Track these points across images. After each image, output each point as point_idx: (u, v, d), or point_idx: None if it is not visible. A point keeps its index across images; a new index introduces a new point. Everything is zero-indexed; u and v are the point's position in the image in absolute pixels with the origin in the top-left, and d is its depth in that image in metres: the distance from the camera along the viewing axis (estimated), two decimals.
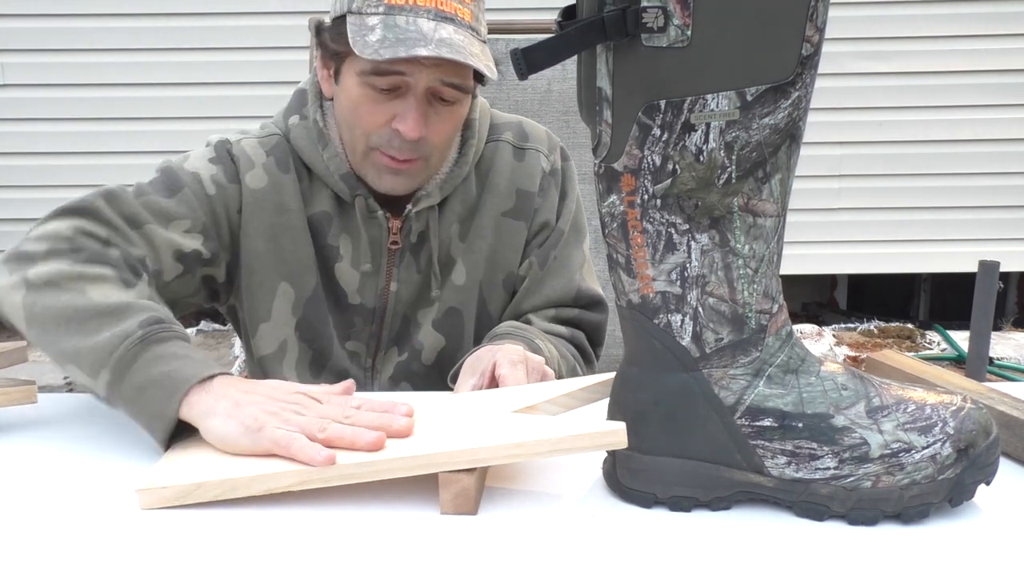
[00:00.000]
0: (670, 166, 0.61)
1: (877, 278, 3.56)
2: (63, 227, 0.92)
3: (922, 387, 0.68)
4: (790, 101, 0.60)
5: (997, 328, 3.29)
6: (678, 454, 0.66)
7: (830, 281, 3.75)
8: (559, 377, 1.03)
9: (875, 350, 3.09)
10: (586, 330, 1.19)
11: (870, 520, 0.64)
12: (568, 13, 0.62)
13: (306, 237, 1.09)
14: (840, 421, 0.64)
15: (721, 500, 0.67)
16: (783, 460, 0.64)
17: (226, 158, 1.08)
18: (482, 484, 0.70)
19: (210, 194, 1.05)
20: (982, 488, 0.66)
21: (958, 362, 3.02)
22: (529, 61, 0.59)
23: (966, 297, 2.34)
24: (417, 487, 0.69)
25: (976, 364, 2.17)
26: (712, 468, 0.66)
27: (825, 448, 0.64)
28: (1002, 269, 2.25)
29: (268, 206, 1.08)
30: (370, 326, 1.13)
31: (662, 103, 0.59)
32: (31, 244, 0.90)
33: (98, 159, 3.25)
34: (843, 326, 3.51)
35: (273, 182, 1.08)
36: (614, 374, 0.71)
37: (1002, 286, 2.93)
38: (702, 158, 0.60)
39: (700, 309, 0.64)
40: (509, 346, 0.96)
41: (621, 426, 0.65)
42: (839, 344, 3.26)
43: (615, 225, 0.64)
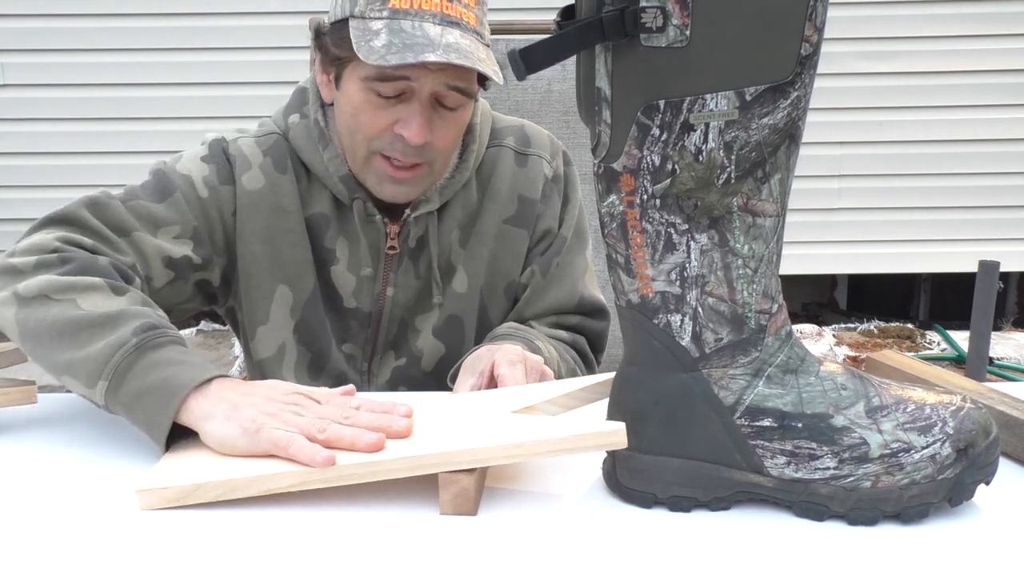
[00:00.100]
0: (669, 166, 0.61)
1: (877, 278, 3.55)
2: (48, 238, 0.91)
3: (922, 387, 0.68)
4: (789, 101, 0.60)
5: (997, 328, 3.29)
6: (678, 454, 0.66)
7: (830, 281, 3.75)
8: (558, 378, 1.02)
9: (875, 350, 3.09)
10: (587, 337, 1.18)
11: (870, 520, 0.64)
12: (567, 13, 0.62)
13: (304, 239, 1.07)
14: (840, 421, 0.64)
15: (721, 500, 0.67)
16: (783, 460, 0.64)
17: (221, 157, 1.06)
18: (482, 484, 0.70)
19: (202, 197, 1.04)
20: (982, 488, 0.66)
21: (958, 362, 3.02)
22: (528, 61, 0.59)
23: (966, 297, 2.34)
24: (417, 487, 0.69)
25: (976, 364, 2.17)
26: (712, 468, 0.66)
27: (825, 448, 0.64)
28: (1002, 269, 2.25)
29: (265, 208, 1.06)
30: (366, 330, 1.12)
31: (661, 103, 0.59)
32: (19, 257, 0.89)
33: (98, 159, 3.24)
34: (843, 326, 3.51)
35: (270, 183, 1.06)
36: (614, 374, 0.71)
37: (1002, 286, 2.93)
38: (701, 158, 0.60)
39: (700, 309, 0.64)
40: (508, 346, 0.96)
41: (621, 426, 0.65)
42: (839, 344, 3.25)
43: (614, 225, 0.64)
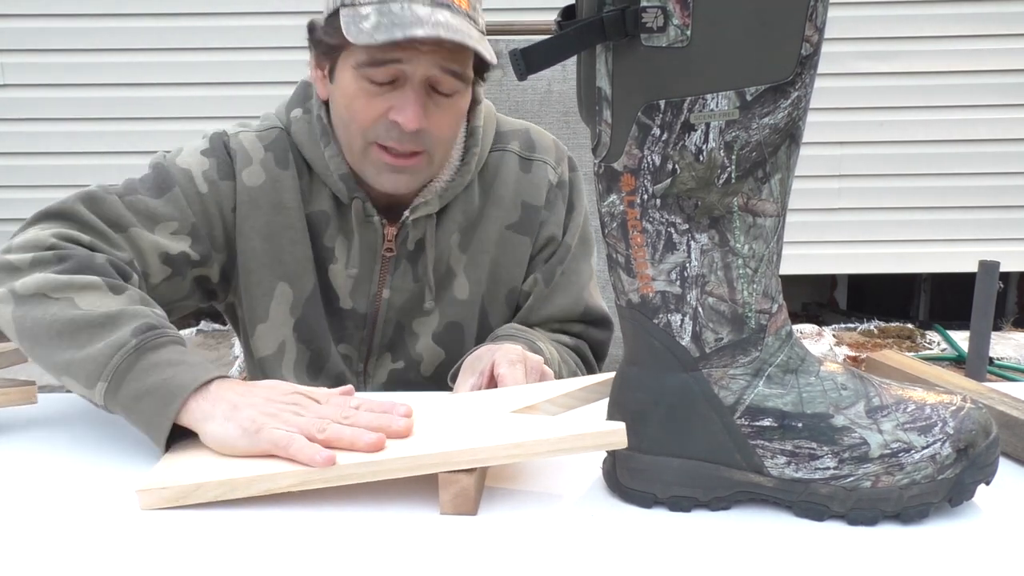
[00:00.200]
0: (670, 166, 0.61)
1: (877, 278, 3.56)
2: (45, 234, 0.90)
3: (922, 387, 0.68)
4: (790, 101, 0.60)
5: (997, 328, 3.29)
6: (678, 454, 0.66)
7: (830, 281, 3.75)
8: (558, 379, 1.02)
9: (875, 350, 3.09)
10: (590, 344, 1.18)
11: (870, 520, 0.64)
12: (567, 13, 0.62)
13: (304, 236, 1.06)
14: (840, 421, 0.64)
15: (721, 500, 0.67)
16: (783, 460, 0.64)
17: (221, 151, 1.06)
18: (482, 484, 0.70)
19: (202, 192, 1.03)
20: (982, 488, 0.66)
21: (958, 362, 3.02)
22: (528, 61, 0.59)
23: (966, 297, 2.34)
24: (417, 487, 0.69)
25: (976, 364, 2.17)
26: (712, 468, 0.66)
27: (825, 448, 0.64)
28: (1002, 269, 2.24)
29: (265, 204, 1.05)
30: (361, 331, 1.11)
31: (662, 103, 0.59)
32: (14, 254, 0.88)
33: (98, 159, 3.24)
34: (843, 326, 3.51)
35: (271, 179, 1.05)
36: (614, 374, 0.71)
37: (1002, 286, 2.93)
38: (702, 158, 0.60)
39: (700, 309, 0.64)
40: (508, 345, 0.96)
41: (621, 426, 0.65)
42: (839, 344, 3.25)
43: (615, 225, 0.64)
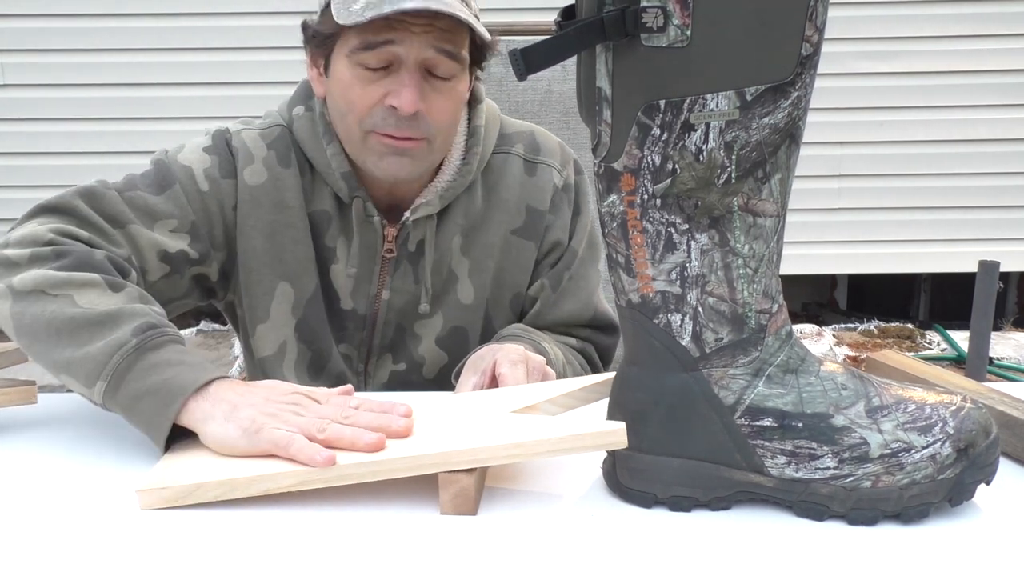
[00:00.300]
0: (670, 166, 0.61)
1: (877, 278, 3.56)
2: (42, 230, 0.89)
3: (922, 387, 0.68)
4: (790, 101, 0.60)
5: (997, 328, 3.29)
6: (678, 454, 0.66)
7: (830, 281, 3.75)
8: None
9: (875, 350, 3.09)
10: (596, 349, 1.17)
11: (870, 520, 0.64)
12: (567, 13, 0.62)
13: (306, 235, 1.06)
14: (840, 421, 0.64)
15: (721, 500, 0.67)
16: (783, 460, 0.64)
17: (223, 149, 1.05)
18: (482, 484, 0.70)
19: (203, 190, 1.02)
20: (982, 488, 0.66)
21: (958, 362, 3.02)
22: (528, 61, 0.59)
23: (966, 297, 2.34)
24: (417, 487, 0.69)
25: (976, 364, 2.17)
26: (712, 468, 0.66)
27: (825, 448, 0.64)
28: (1002, 269, 2.25)
29: (266, 203, 1.04)
30: (361, 332, 1.11)
31: (662, 103, 0.59)
32: (12, 249, 0.87)
33: (98, 159, 3.24)
34: (843, 326, 3.51)
35: (272, 177, 1.05)
36: (614, 374, 0.71)
37: (1002, 286, 2.93)
38: (702, 158, 0.60)
39: (700, 309, 0.64)
40: (510, 345, 0.96)
41: (621, 426, 0.65)
42: (839, 344, 3.25)
43: (615, 225, 0.64)
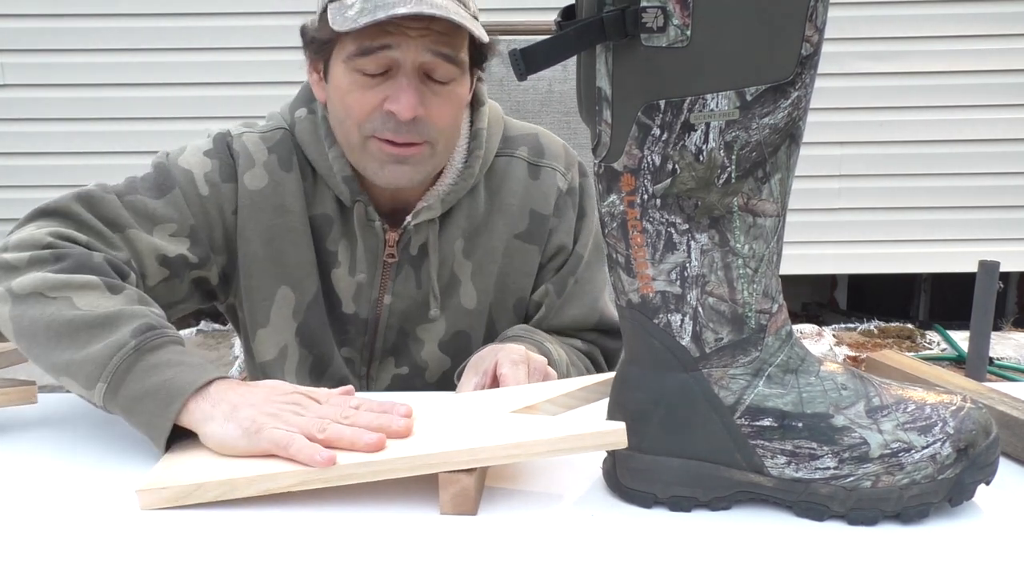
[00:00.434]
0: (670, 166, 0.61)
1: (877, 278, 3.55)
2: (41, 233, 0.89)
3: (922, 387, 0.68)
4: (790, 101, 0.60)
5: (997, 328, 3.29)
6: (678, 454, 0.66)
7: (830, 281, 3.75)
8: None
9: (875, 350, 3.09)
10: (602, 351, 1.17)
11: (870, 520, 0.64)
12: (567, 13, 0.62)
13: (307, 239, 1.05)
14: (840, 421, 0.64)
15: (721, 500, 0.67)
16: (783, 460, 0.64)
17: (224, 152, 1.05)
18: (482, 484, 0.70)
19: (203, 194, 1.02)
20: (982, 488, 0.66)
21: (958, 362, 3.02)
22: (528, 61, 0.59)
23: (966, 297, 2.34)
24: (417, 487, 0.69)
25: (976, 364, 2.17)
26: (712, 468, 0.66)
27: (825, 448, 0.64)
28: (1002, 269, 2.24)
29: (267, 207, 1.04)
30: (363, 336, 1.11)
31: (661, 103, 0.59)
32: (11, 252, 0.87)
33: (98, 159, 3.24)
34: (843, 326, 3.51)
35: (273, 181, 1.04)
36: (614, 374, 0.71)
37: (1002, 286, 2.93)
38: (702, 158, 0.60)
39: (700, 309, 0.64)
40: (511, 346, 0.96)
41: (621, 426, 0.65)
42: (839, 344, 3.25)
43: (615, 225, 0.64)
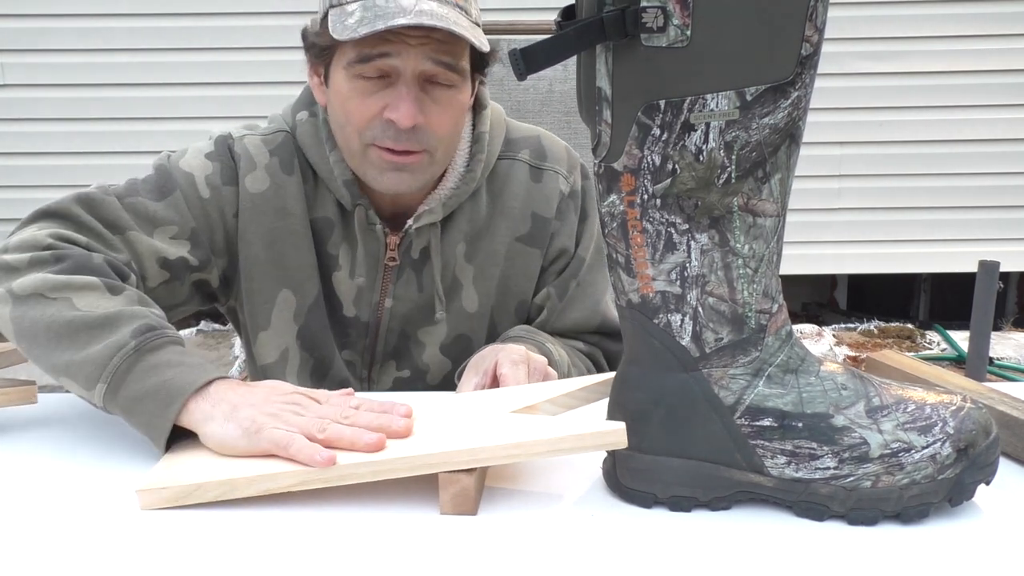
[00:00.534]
0: (670, 166, 0.61)
1: (877, 278, 3.56)
2: (41, 234, 0.89)
3: (922, 387, 0.68)
4: (790, 101, 0.60)
5: (997, 328, 3.29)
6: (678, 454, 0.66)
7: (830, 281, 3.75)
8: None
9: (875, 350, 3.09)
10: (604, 354, 1.17)
11: (870, 520, 0.64)
12: (567, 13, 0.62)
13: (308, 242, 1.05)
14: (840, 421, 0.64)
15: (721, 500, 0.67)
16: (783, 460, 0.64)
17: (226, 155, 1.04)
18: (482, 484, 0.70)
19: (204, 197, 1.01)
20: (982, 488, 0.66)
21: (958, 362, 3.02)
22: (528, 61, 0.59)
23: (966, 297, 2.34)
24: (417, 487, 0.69)
25: (976, 364, 2.17)
26: (712, 468, 0.66)
27: (825, 448, 0.64)
28: (1002, 269, 2.24)
29: (268, 210, 1.04)
30: (364, 339, 1.10)
31: (661, 103, 0.59)
32: (11, 254, 0.88)
33: (98, 159, 3.24)
34: (843, 326, 3.51)
35: (275, 184, 1.04)
36: (614, 374, 0.71)
37: (1002, 286, 2.93)
38: (702, 158, 0.60)
39: (700, 309, 0.64)
40: (512, 346, 0.96)
41: (621, 426, 0.65)
42: (839, 344, 3.25)
43: (615, 225, 0.64)
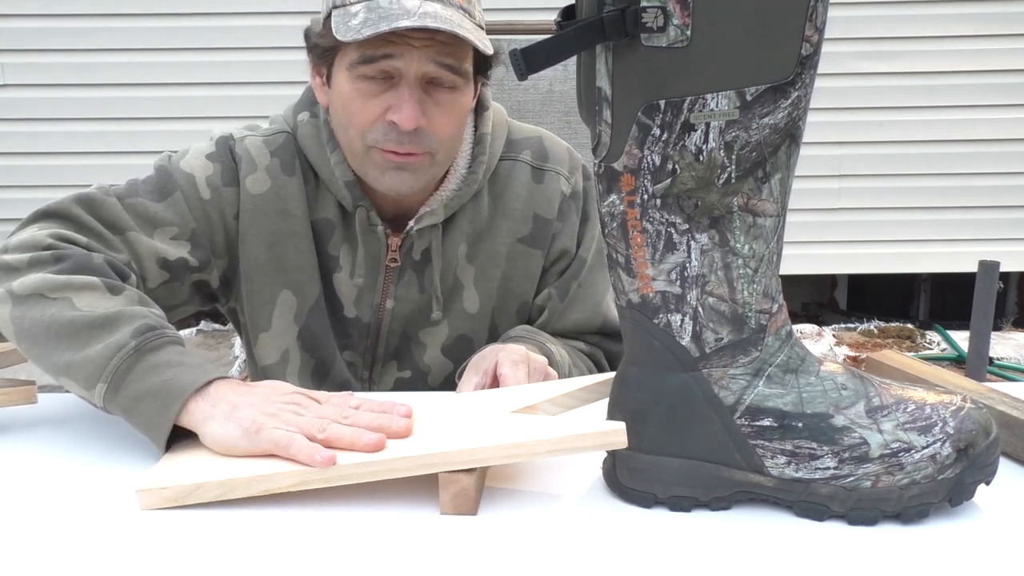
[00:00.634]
0: (670, 166, 0.61)
1: (877, 278, 3.56)
2: (42, 235, 0.89)
3: (922, 387, 0.68)
4: (790, 101, 0.60)
5: (997, 328, 3.29)
6: (678, 454, 0.66)
7: (830, 281, 3.75)
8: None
9: (875, 350, 3.09)
10: (605, 354, 1.17)
11: (870, 520, 0.64)
12: (568, 13, 0.62)
13: (309, 243, 1.05)
14: (840, 421, 0.64)
15: (721, 500, 0.67)
16: (783, 460, 0.64)
17: (227, 156, 1.04)
18: (482, 484, 0.70)
19: (204, 198, 1.01)
20: (982, 488, 0.66)
21: (958, 362, 3.02)
22: (528, 61, 0.59)
23: (966, 297, 2.34)
24: (417, 487, 0.69)
25: (976, 364, 2.17)
26: (712, 468, 0.66)
27: (825, 448, 0.64)
28: (1002, 269, 2.24)
29: (269, 212, 1.04)
30: (365, 340, 1.10)
31: (662, 103, 0.59)
32: (11, 254, 0.88)
33: (98, 159, 3.24)
34: (843, 326, 3.51)
35: (276, 186, 1.04)
36: (614, 374, 0.71)
37: (1002, 286, 2.93)
38: (702, 158, 0.60)
39: (700, 309, 0.64)
40: (512, 346, 0.96)
41: (621, 426, 0.65)
42: (839, 344, 3.25)
43: (615, 225, 0.64)
